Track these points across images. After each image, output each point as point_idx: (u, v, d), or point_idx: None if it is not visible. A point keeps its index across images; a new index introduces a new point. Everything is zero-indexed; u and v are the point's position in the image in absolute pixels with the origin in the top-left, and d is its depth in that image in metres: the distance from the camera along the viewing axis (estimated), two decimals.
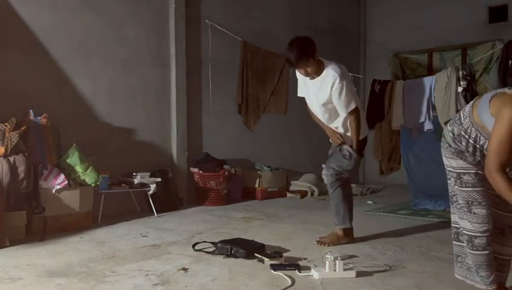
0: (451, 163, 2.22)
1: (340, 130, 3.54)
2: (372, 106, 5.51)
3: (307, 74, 3.36)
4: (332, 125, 3.56)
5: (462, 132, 2.15)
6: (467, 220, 2.15)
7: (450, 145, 2.21)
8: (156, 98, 5.46)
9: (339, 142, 3.53)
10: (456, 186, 2.19)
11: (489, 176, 1.99)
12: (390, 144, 5.36)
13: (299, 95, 3.72)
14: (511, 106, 1.90)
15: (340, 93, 3.29)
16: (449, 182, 2.27)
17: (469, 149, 2.13)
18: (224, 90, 6.12)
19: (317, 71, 3.34)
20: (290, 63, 3.33)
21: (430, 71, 7.48)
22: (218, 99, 6.04)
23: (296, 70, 3.48)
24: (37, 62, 4.44)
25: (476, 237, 2.13)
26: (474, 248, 2.15)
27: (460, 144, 2.16)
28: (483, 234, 2.12)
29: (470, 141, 2.12)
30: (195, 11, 5.83)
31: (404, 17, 7.86)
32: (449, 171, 2.25)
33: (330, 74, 3.29)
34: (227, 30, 6.00)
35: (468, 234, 2.16)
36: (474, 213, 2.12)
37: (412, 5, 7.76)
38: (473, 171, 2.14)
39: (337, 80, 3.25)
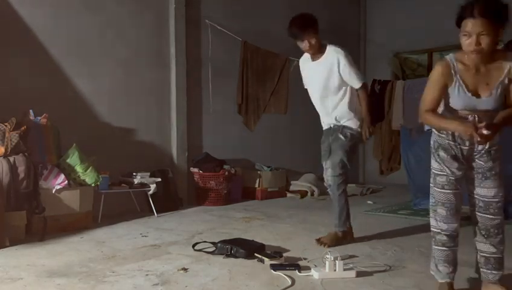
0: (432, 163, 2.43)
1: (340, 114, 3.54)
2: (372, 106, 5.51)
3: (310, 48, 3.40)
4: (333, 114, 3.55)
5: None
6: (433, 218, 2.38)
7: (433, 144, 2.40)
8: (156, 98, 5.46)
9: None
10: (431, 184, 2.41)
11: (422, 118, 2.31)
12: (390, 144, 5.37)
13: (305, 87, 3.78)
14: (434, 66, 2.33)
15: (350, 66, 3.39)
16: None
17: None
18: (224, 90, 6.12)
19: (320, 50, 3.42)
20: (294, 35, 3.37)
21: (430, 71, 7.48)
22: (218, 99, 6.04)
23: (300, 61, 3.60)
24: (37, 62, 4.44)
25: (437, 233, 2.35)
26: (435, 243, 2.38)
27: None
28: (443, 232, 2.32)
29: None
30: (195, 11, 5.83)
31: (404, 17, 7.86)
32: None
33: (333, 52, 3.41)
34: (227, 30, 6.00)
35: (432, 230, 2.40)
36: (437, 212, 2.34)
37: (412, 5, 7.76)
38: (444, 174, 2.32)
39: (342, 55, 3.38)
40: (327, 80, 3.46)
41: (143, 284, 2.54)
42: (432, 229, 2.39)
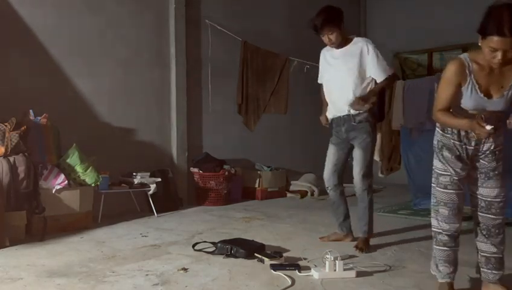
0: (434, 163, 2.40)
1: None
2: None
3: (330, 42, 3.35)
4: (346, 105, 3.34)
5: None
6: (434, 218, 2.37)
7: (437, 144, 2.37)
8: (156, 98, 5.46)
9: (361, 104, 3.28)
10: (433, 184, 2.39)
11: (434, 117, 2.30)
12: (390, 144, 5.36)
13: (319, 81, 3.65)
14: (448, 65, 2.25)
15: (377, 55, 3.31)
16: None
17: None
18: (224, 90, 6.12)
19: (342, 44, 3.37)
20: (315, 28, 3.31)
21: (430, 71, 7.49)
22: (218, 99, 6.04)
23: (320, 56, 3.53)
24: (37, 62, 4.44)
25: (438, 233, 2.35)
26: (436, 243, 2.37)
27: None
28: (444, 232, 2.32)
29: None
30: (195, 11, 5.83)
31: (404, 17, 7.86)
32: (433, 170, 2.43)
33: (360, 42, 3.37)
34: (227, 30, 6.00)
35: (433, 230, 2.39)
36: (439, 212, 2.33)
37: (412, 5, 7.76)
38: (448, 174, 2.30)
39: (370, 45, 3.33)
40: (349, 68, 3.33)
41: (143, 284, 2.54)
42: (433, 229, 2.39)
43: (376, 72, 3.33)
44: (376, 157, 5.45)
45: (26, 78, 4.32)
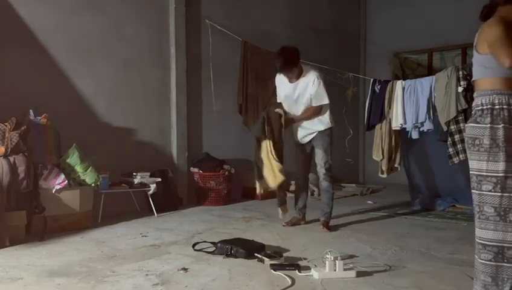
0: (491, 166, 2.06)
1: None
2: (372, 106, 5.51)
3: (289, 78, 4.02)
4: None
5: (479, 106, 2.13)
6: (501, 230, 2.02)
7: (481, 144, 2.08)
8: (156, 98, 5.46)
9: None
10: (497, 193, 2.03)
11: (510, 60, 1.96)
12: (390, 144, 5.34)
13: (278, 101, 4.22)
14: (488, 24, 2.10)
15: (317, 88, 3.94)
16: (477, 191, 2.11)
17: (495, 110, 2.07)
18: (224, 90, 6.12)
19: (298, 75, 4.00)
20: (275, 69, 4.05)
21: (430, 71, 7.48)
22: (218, 99, 6.03)
23: (276, 78, 4.19)
24: (37, 62, 4.44)
25: (509, 248, 2.02)
26: (505, 260, 2.03)
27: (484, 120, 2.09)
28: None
29: (488, 104, 2.10)
30: (196, 11, 5.83)
31: (404, 17, 7.86)
32: (489, 176, 2.07)
33: (310, 75, 3.99)
34: (227, 30, 6.00)
35: (498, 245, 2.04)
36: (511, 221, 2.01)
37: (412, 5, 7.76)
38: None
39: (316, 79, 3.95)
40: (303, 98, 4.00)
41: (143, 284, 2.54)
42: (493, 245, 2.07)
43: (313, 100, 4.00)
44: (375, 157, 5.44)
45: (26, 78, 4.32)
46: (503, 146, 2.03)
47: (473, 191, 2.16)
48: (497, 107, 2.07)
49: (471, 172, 2.16)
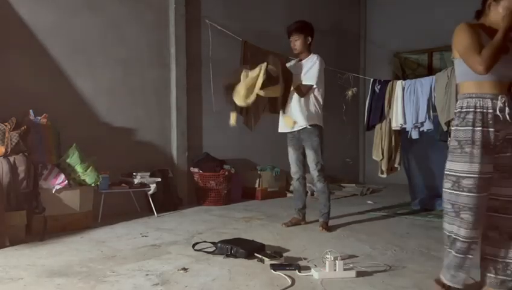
0: (454, 166, 2.22)
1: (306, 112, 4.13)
2: (372, 106, 5.51)
3: (294, 48, 4.16)
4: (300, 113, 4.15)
5: (463, 109, 2.25)
6: (455, 225, 2.19)
7: (460, 142, 2.23)
8: (156, 98, 5.46)
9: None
10: (453, 191, 2.20)
11: (480, 66, 2.11)
12: (390, 144, 5.35)
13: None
14: (457, 29, 2.37)
15: (312, 67, 4.05)
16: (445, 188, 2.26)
17: (477, 111, 2.18)
18: None
19: (304, 55, 4.14)
20: (288, 30, 4.20)
21: (430, 71, 7.48)
22: (218, 99, 6.02)
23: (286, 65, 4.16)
24: (37, 62, 4.44)
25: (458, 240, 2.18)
26: (456, 250, 2.20)
27: (467, 120, 2.21)
28: (466, 240, 2.16)
29: (467, 108, 2.23)
30: (195, 10, 5.83)
31: (404, 17, 7.87)
32: (448, 175, 2.24)
33: (314, 57, 4.11)
34: (227, 30, 6.00)
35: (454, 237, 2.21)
36: (462, 218, 2.16)
37: (412, 5, 7.77)
38: (476, 177, 2.14)
39: (317, 61, 4.05)
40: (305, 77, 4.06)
41: (143, 284, 2.54)
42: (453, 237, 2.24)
43: (305, 77, 4.09)
44: (375, 157, 5.45)
45: (26, 78, 4.31)
46: (478, 148, 2.15)
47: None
48: (474, 110, 2.19)
49: (446, 172, 2.27)
